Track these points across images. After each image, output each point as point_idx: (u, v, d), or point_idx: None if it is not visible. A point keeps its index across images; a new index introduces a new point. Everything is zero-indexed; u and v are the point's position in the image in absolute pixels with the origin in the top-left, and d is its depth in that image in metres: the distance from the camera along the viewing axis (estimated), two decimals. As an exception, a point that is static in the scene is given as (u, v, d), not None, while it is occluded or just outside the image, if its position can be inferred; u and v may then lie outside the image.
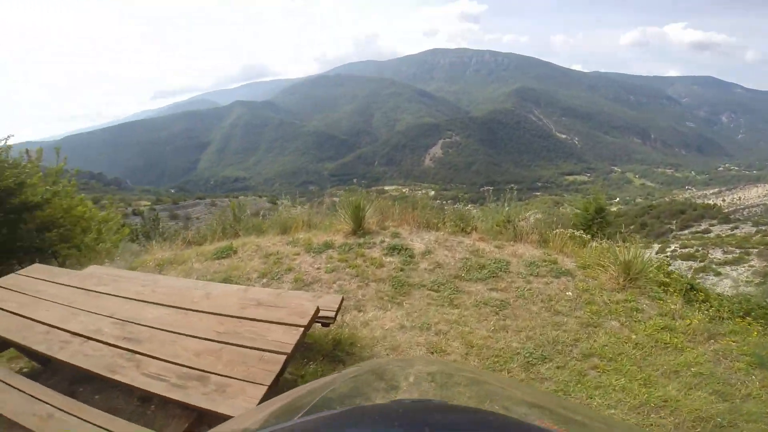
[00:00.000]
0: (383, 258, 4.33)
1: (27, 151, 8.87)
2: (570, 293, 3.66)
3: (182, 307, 2.29)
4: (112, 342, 1.98)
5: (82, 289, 2.60)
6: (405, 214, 5.39)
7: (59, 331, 2.12)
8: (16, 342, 2.15)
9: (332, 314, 2.59)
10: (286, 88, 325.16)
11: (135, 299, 2.42)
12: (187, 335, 2.00)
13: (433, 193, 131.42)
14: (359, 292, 3.76)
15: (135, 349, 1.91)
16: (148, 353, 1.88)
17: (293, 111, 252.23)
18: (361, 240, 4.75)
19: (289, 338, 1.93)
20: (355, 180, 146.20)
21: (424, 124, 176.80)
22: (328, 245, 4.62)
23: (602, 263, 4.01)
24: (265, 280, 4.00)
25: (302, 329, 2.01)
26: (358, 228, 4.87)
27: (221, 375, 1.71)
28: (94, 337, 2.03)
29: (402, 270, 4.09)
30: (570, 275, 3.97)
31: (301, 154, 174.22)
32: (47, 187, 6.74)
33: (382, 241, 4.68)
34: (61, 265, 5.70)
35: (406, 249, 4.47)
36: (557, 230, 4.88)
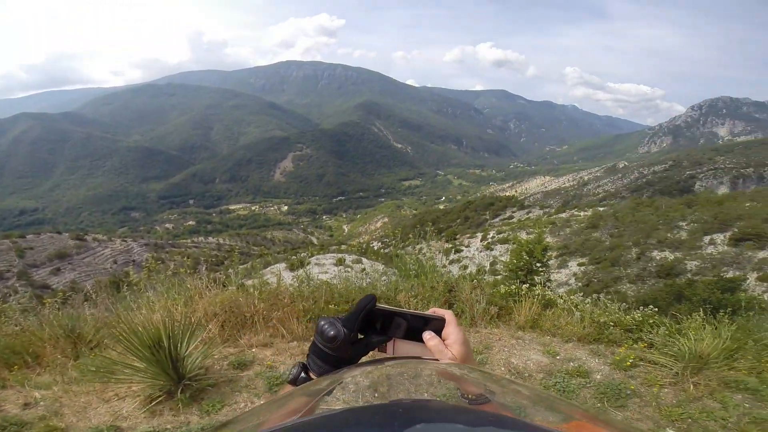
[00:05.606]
0: None
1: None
2: None
3: None
4: None
5: None
6: (279, 305, 2.88)
7: None
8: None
9: None
10: (97, 98, 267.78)
11: None
12: None
13: (286, 208, 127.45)
14: None
15: None
16: None
17: (107, 123, 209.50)
18: (179, 420, 2.12)
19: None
20: (191, 201, 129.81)
21: (274, 138, 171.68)
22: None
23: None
24: None
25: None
26: (175, 377, 2.25)
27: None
28: None
29: None
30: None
31: (118, 174, 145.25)
32: None
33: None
34: None
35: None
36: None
